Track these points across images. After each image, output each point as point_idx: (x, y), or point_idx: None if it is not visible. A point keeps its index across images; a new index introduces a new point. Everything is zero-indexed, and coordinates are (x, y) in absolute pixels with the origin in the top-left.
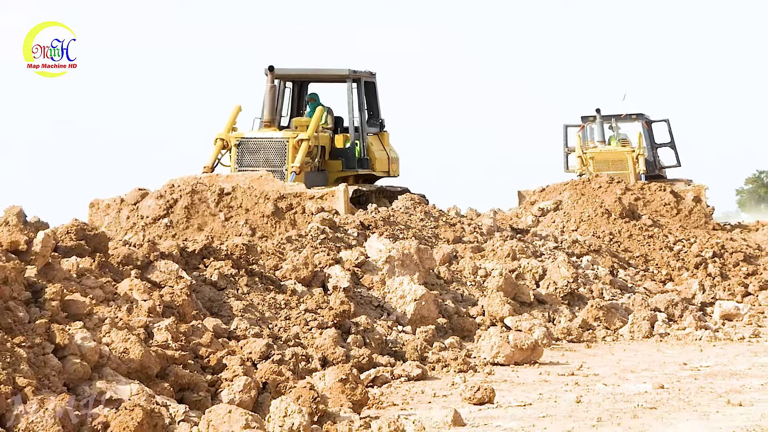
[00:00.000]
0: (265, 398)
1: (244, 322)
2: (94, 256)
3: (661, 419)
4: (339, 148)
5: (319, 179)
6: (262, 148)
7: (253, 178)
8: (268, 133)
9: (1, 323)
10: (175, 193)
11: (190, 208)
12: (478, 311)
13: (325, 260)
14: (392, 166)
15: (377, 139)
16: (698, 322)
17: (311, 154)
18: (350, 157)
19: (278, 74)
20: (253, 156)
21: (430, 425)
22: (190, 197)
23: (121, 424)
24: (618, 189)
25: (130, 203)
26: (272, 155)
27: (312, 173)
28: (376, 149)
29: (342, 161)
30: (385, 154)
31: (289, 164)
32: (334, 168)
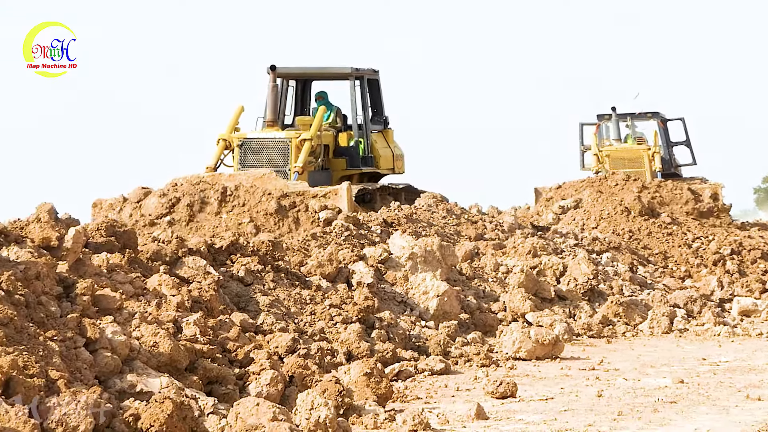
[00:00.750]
0: (292, 391)
1: (271, 317)
2: (123, 252)
3: (681, 413)
4: (343, 147)
5: (323, 178)
6: (264, 149)
7: (256, 177)
8: (270, 133)
9: (33, 317)
10: (178, 191)
11: (192, 206)
12: (500, 307)
13: (349, 257)
14: (397, 164)
15: (381, 136)
16: (717, 318)
17: (314, 153)
18: (354, 155)
19: (280, 73)
20: (256, 156)
21: (453, 418)
22: (192, 196)
23: (151, 417)
24: (635, 187)
25: (132, 201)
26: (275, 155)
27: (316, 172)
28: (381, 147)
29: (346, 159)
30: (389, 152)
31: (292, 164)
32: (338, 166)
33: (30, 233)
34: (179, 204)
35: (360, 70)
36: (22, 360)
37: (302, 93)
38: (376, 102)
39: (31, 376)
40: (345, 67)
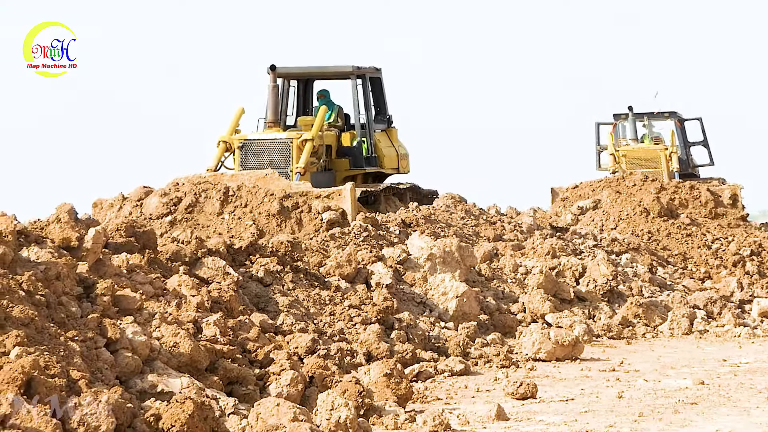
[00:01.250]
0: (312, 392)
1: (290, 317)
2: (143, 253)
3: (702, 414)
4: (346, 147)
5: (326, 179)
6: (265, 150)
7: (258, 177)
8: (271, 134)
9: (54, 318)
10: (179, 191)
11: (194, 206)
12: (519, 308)
13: (367, 257)
14: (402, 163)
15: (385, 135)
16: (737, 320)
17: (317, 154)
18: (357, 155)
19: (280, 73)
20: (257, 158)
21: (474, 419)
22: (194, 196)
23: (172, 417)
24: (653, 188)
25: (133, 200)
26: (276, 156)
27: (318, 173)
28: (384, 146)
29: (349, 160)
30: (393, 151)
31: (294, 165)
32: (341, 167)
33: (50, 234)
34: (180, 204)
35: (361, 69)
36: (44, 360)
37: (304, 93)
38: (379, 101)
39: (53, 376)
40: (346, 66)
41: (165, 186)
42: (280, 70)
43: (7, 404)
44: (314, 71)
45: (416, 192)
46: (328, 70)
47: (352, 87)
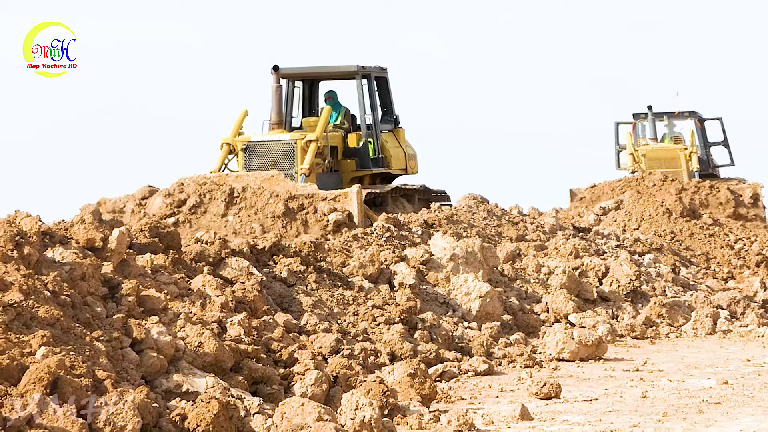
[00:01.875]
0: (336, 392)
1: (314, 317)
2: (167, 253)
3: (726, 414)
4: (352, 148)
5: (332, 181)
6: (270, 151)
7: (264, 178)
8: (275, 136)
9: (79, 318)
10: (183, 192)
11: (198, 207)
12: (542, 308)
13: (390, 258)
14: (410, 163)
15: (392, 136)
16: (760, 319)
17: (322, 154)
18: (364, 156)
19: (284, 74)
20: (261, 160)
21: (498, 419)
22: (198, 197)
23: (198, 416)
24: (673, 188)
25: (137, 199)
26: (281, 158)
27: (324, 175)
28: (391, 146)
29: (356, 161)
30: (401, 151)
31: (299, 166)
32: (347, 168)
33: (75, 234)
34: (185, 205)
35: (366, 68)
36: (69, 360)
37: (310, 94)
38: (386, 100)
39: (78, 376)
40: (351, 65)
41: (169, 186)
42: (284, 71)
43: (34, 404)
44: (318, 71)
45: (425, 193)
46: (333, 70)
47: (357, 87)
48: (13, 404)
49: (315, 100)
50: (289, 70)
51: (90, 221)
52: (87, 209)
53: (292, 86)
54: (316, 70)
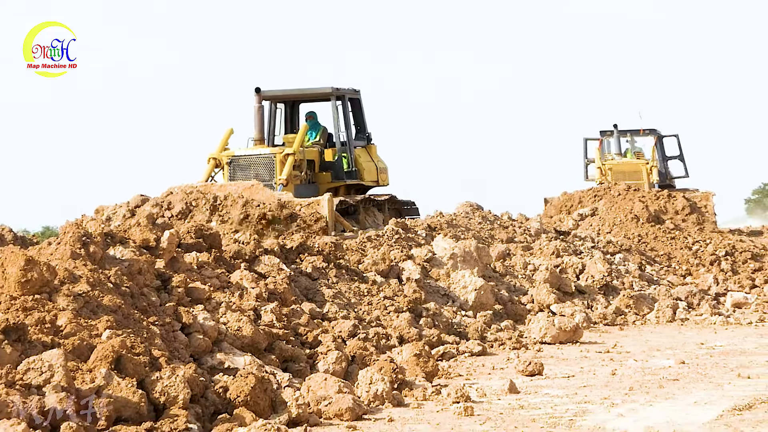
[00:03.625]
0: (354, 369)
1: (335, 306)
2: (210, 252)
3: (683, 389)
4: (328, 162)
5: (310, 191)
6: (252, 164)
7: (245, 187)
8: (256, 150)
9: (137, 306)
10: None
11: (185, 214)
12: (528, 299)
13: (399, 256)
14: (381, 176)
15: (365, 151)
16: (713, 310)
17: (299, 167)
18: (339, 169)
19: (265, 95)
20: (244, 172)
21: (490, 392)
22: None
23: (238, 389)
24: (636, 197)
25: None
26: (261, 170)
27: (302, 186)
28: (364, 161)
29: (331, 173)
30: (373, 165)
31: (278, 177)
32: (323, 180)
33: (132, 235)
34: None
35: (341, 90)
36: (130, 341)
37: (291, 114)
38: (359, 120)
39: (138, 354)
40: (326, 88)
41: (160, 195)
42: (265, 93)
43: (102, 378)
44: (296, 93)
45: (394, 203)
46: (309, 91)
47: (332, 107)
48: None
49: (296, 119)
50: (270, 92)
51: (144, 224)
52: (141, 213)
53: (274, 108)
54: (294, 92)
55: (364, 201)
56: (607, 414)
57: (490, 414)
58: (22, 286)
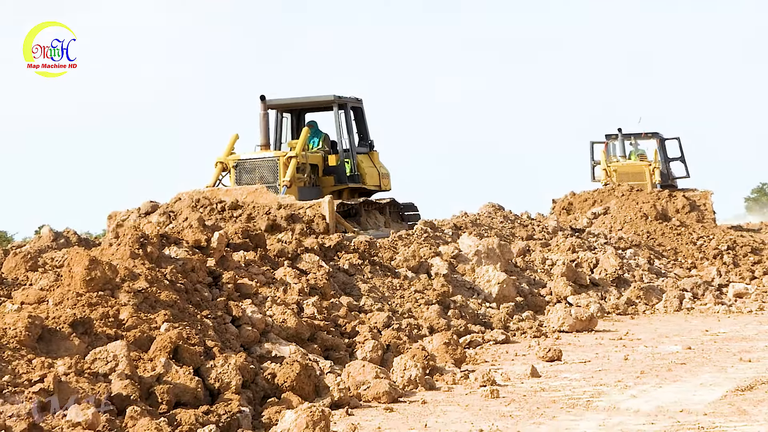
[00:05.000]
0: (389, 356)
1: (370, 299)
2: (256, 251)
3: (690, 372)
4: (331, 166)
5: (313, 194)
6: (256, 167)
7: (249, 191)
8: (261, 154)
9: (191, 300)
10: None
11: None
12: (547, 292)
13: (428, 253)
14: (383, 181)
15: (368, 157)
16: (716, 300)
17: (303, 170)
18: (341, 173)
19: (270, 103)
20: (250, 175)
21: (513, 376)
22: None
23: (284, 375)
24: (640, 197)
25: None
26: (266, 173)
27: (305, 189)
28: (367, 166)
29: (334, 177)
30: (375, 171)
31: (281, 179)
32: (327, 183)
33: (185, 236)
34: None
35: (342, 98)
36: (186, 333)
37: (297, 123)
38: (361, 127)
39: (193, 344)
40: (328, 96)
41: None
42: (270, 101)
43: (161, 366)
44: (299, 101)
45: (395, 206)
46: (312, 99)
47: (335, 114)
48: (145, 366)
49: (302, 128)
50: (274, 101)
51: (196, 226)
52: (193, 216)
53: (281, 116)
54: (297, 101)
55: (365, 203)
56: (621, 395)
57: (514, 396)
58: (86, 284)
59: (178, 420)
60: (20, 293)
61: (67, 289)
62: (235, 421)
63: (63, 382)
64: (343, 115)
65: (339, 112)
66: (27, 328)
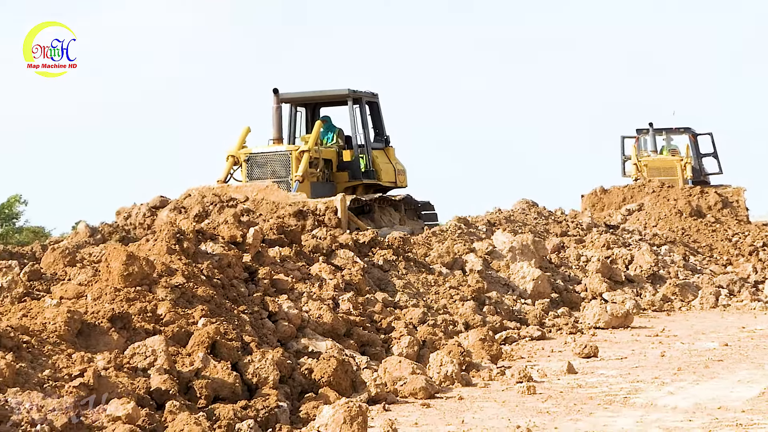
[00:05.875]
0: (425, 352)
1: (405, 295)
2: (291, 247)
3: (727, 368)
4: (346, 162)
5: (327, 189)
6: (268, 162)
7: (259, 189)
8: (273, 148)
9: (228, 296)
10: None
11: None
12: (582, 288)
13: (462, 249)
14: (399, 178)
15: (383, 153)
16: (752, 296)
17: (315, 165)
18: (356, 169)
19: (283, 97)
20: (261, 169)
21: (550, 373)
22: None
23: (321, 370)
24: (672, 193)
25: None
26: (278, 167)
27: (319, 184)
28: (382, 162)
29: (348, 173)
30: (390, 167)
31: (293, 174)
32: (341, 179)
33: (220, 232)
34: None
35: (357, 92)
36: (223, 328)
37: (312, 117)
38: (377, 123)
39: (231, 339)
40: (342, 90)
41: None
42: (283, 95)
43: (200, 361)
44: (313, 95)
45: (410, 203)
46: (326, 93)
47: (349, 109)
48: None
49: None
50: (287, 95)
51: (232, 222)
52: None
53: (295, 110)
54: (311, 94)
55: (379, 200)
56: (658, 392)
57: (551, 392)
58: (124, 279)
59: (217, 415)
60: (59, 288)
61: (105, 284)
62: (273, 416)
63: (103, 377)
64: (358, 109)
65: (354, 106)
66: (66, 323)
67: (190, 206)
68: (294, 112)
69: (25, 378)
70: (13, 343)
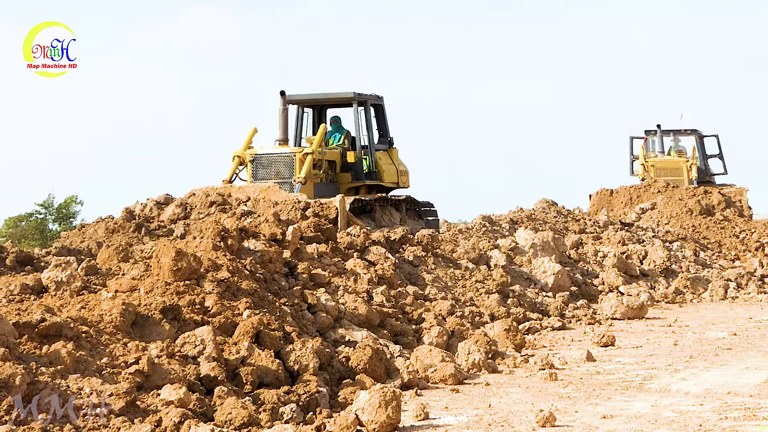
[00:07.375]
0: (453, 341)
1: (434, 289)
2: (328, 243)
3: (735, 356)
4: (350, 163)
5: (330, 190)
6: (273, 163)
7: (262, 189)
8: (278, 149)
9: (270, 289)
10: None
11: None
12: (600, 282)
13: (486, 246)
14: (402, 179)
15: (386, 154)
16: (759, 289)
17: (319, 166)
18: (359, 170)
19: (290, 98)
20: (266, 170)
21: (570, 360)
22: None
23: (358, 358)
24: (677, 193)
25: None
26: (282, 168)
27: (322, 184)
28: (385, 163)
29: (351, 174)
30: (393, 168)
31: (297, 175)
32: (344, 180)
33: (262, 230)
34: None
35: (362, 95)
36: (266, 319)
37: (319, 119)
38: (381, 124)
39: (273, 330)
40: (347, 92)
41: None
42: (290, 96)
43: (245, 349)
44: (319, 97)
45: (412, 203)
46: (332, 96)
47: (354, 111)
48: (230, 350)
49: (322, 123)
50: (294, 96)
51: (272, 220)
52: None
53: (302, 112)
54: (317, 96)
55: (380, 200)
56: (672, 378)
57: (572, 379)
58: (174, 274)
59: (262, 399)
60: (114, 282)
61: (156, 278)
62: (314, 401)
63: (156, 364)
64: (362, 112)
65: (359, 108)
66: (122, 314)
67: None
68: (301, 113)
69: (85, 365)
70: (73, 333)
